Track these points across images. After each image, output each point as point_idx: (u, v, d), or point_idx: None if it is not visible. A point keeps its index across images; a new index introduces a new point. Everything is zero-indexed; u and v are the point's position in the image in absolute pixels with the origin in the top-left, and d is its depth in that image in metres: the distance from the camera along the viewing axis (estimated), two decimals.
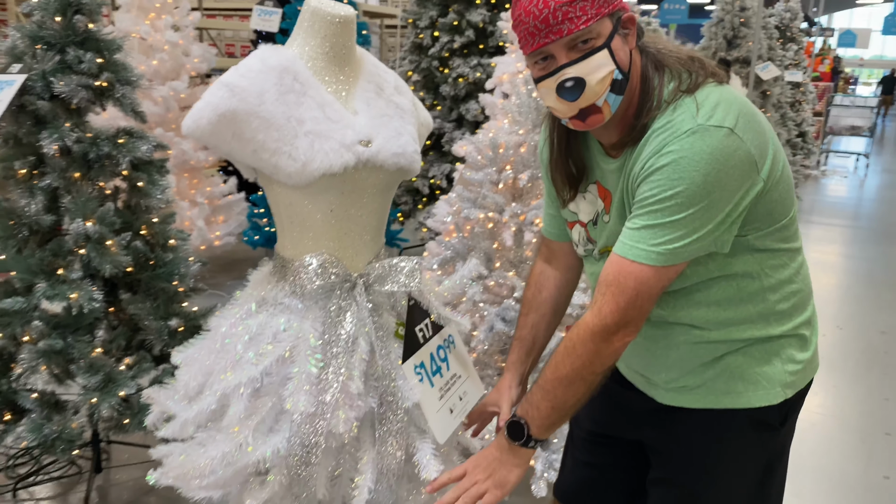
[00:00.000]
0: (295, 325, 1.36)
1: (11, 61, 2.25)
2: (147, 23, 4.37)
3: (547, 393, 1.28)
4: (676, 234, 1.19)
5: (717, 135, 1.15)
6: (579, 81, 1.20)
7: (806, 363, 1.37)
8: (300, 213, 1.40)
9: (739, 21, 6.88)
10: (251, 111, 1.29)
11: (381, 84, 1.48)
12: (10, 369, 2.30)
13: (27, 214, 2.26)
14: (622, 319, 1.22)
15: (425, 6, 4.95)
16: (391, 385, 1.40)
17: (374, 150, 1.38)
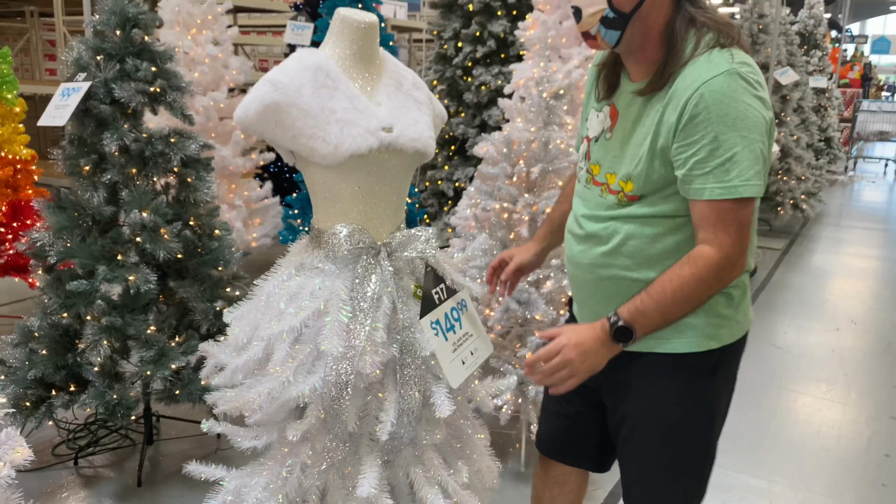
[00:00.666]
0: (328, 284, 1.59)
1: (77, 70, 2.54)
2: (189, 38, 4.69)
3: (663, 309, 1.45)
4: (748, 163, 1.38)
5: (730, 76, 1.38)
6: (577, 10, 1.50)
7: (731, 318, 1.56)
8: (332, 190, 1.62)
9: (758, 27, 7.03)
10: (291, 102, 1.52)
11: (401, 80, 1.70)
12: (75, 345, 2.57)
13: (90, 206, 2.54)
14: (741, 249, 1.43)
15: (449, 18, 5.20)
16: (410, 336, 1.62)
17: (395, 136, 1.59)
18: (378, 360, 1.55)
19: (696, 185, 1.42)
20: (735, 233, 1.41)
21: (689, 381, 1.57)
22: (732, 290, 1.56)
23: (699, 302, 1.47)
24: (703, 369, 1.56)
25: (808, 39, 10.10)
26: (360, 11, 1.66)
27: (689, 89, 1.40)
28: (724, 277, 1.45)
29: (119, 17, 2.52)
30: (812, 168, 7.82)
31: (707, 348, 1.54)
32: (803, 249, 6.90)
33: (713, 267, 1.42)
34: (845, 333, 4.68)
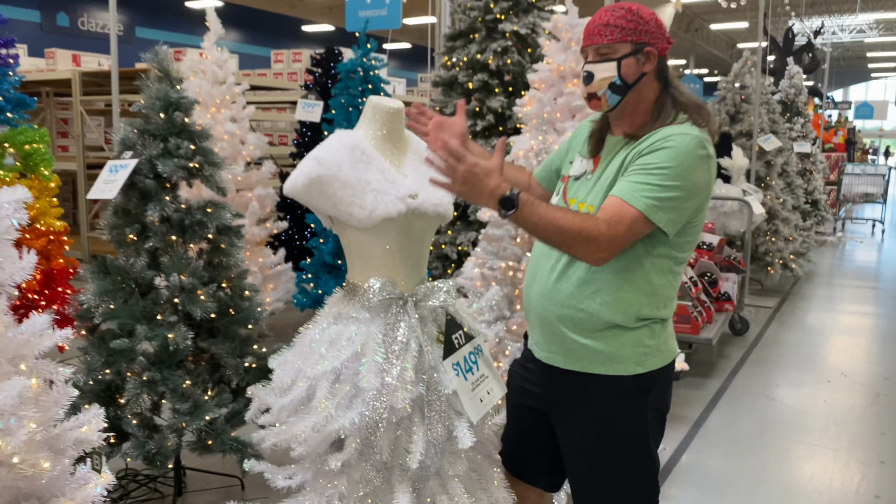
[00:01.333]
0: (364, 330, 1.84)
1: (123, 149, 2.83)
2: (209, 116, 5.03)
3: (544, 218, 1.67)
4: (666, 194, 1.71)
5: (704, 150, 1.76)
6: (590, 74, 1.85)
7: (654, 348, 1.86)
8: (366, 249, 1.90)
9: (741, 98, 7.45)
10: (333, 176, 1.82)
11: (423, 155, 1.97)
12: (116, 400, 2.78)
13: (133, 271, 2.79)
14: (617, 245, 1.71)
15: (450, 95, 5.58)
16: (435, 376, 1.85)
17: (420, 201, 1.89)
18: (408, 396, 1.78)
19: (620, 185, 1.75)
20: (622, 231, 1.70)
21: (624, 402, 1.86)
22: (653, 325, 1.87)
23: (560, 241, 1.71)
24: (635, 392, 1.86)
25: (791, 107, 10.57)
26: (389, 99, 1.97)
27: (662, 135, 1.77)
28: (590, 247, 1.69)
29: (163, 101, 2.82)
30: (800, 229, 8.13)
31: (635, 373, 1.85)
32: (794, 307, 7.15)
33: (592, 232, 1.68)
34: (836, 385, 4.88)
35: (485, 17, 5.41)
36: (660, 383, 1.90)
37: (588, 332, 1.85)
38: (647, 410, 1.89)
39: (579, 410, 1.91)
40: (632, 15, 1.83)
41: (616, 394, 1.86)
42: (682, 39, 25.61)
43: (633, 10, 1.85)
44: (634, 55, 1.83)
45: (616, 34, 1.82)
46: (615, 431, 1.87)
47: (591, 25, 1.86)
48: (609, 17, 1.83)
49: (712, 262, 5.42)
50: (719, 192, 6.33)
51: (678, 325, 4.65)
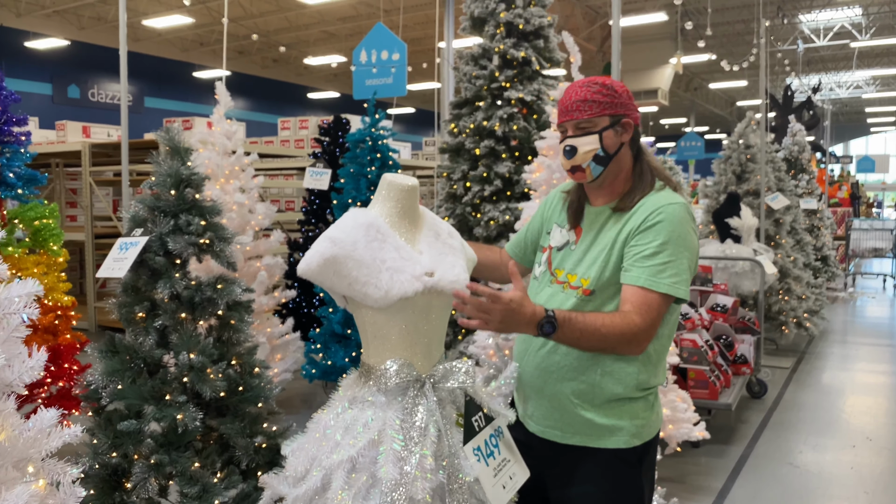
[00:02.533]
0: (380, 415, 1.76)
1: (134, 226, 2.81)
2: (218, 187, 5.04)
3: (585, 331, 1.75)
4: (679, 268, 1.81)
5: (690, 214, 1.89)
6: (573, 148, 1.94)
7: (648, 420, 1.93)
8: (382, 329, 1.83)
9: (746, 157, 7.48)
10: (348, 255, 1.77)
11: (438, 231, 1.96)
12: (122, 484, 2.69)
13: (142, 350, 2.73)
14: (651, 333, 1.81)
15: (458, 161, 5.60)
16: (456, 463, 1.77)
17: (436, 279, 1.83)
18: (428, 486, 1.70)
19: (634, 273, 1.82)
20: (653, 318, 1.79)
21: (622, 472, 1.92)
22: (648, 396, 1.94)
23: (605, 346, 1.80)
24: (632, 461, 1.92)
25: (795, 164, 10.62)
26: (403, 176, 1.94)
27: (652, 206, 1.87)
28: (631, 343, 1.79)
29: (174, 178, 2.81)
30: (811, 287, 8.06)
31: (633, 445, 1.91)
32: (811, 367, 7.01)
33: (632, 329, 1.77)
34: (862, 450, 4.74)
35: (490, 84, 5.47)
36: (652, 451, 1.99)
37: (590, 406, 1.90)
38: (642, 478, 1.95)
39: (577, 483, 1.94)
40: (607, 90, 1.93)
41: (615, 465, 1.91)
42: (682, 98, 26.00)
43: (608, 84, 1.95)
44: (613, 127, 1.93)
45: (595, 109, 1.91)
46: (613, 499, 1.92)
47: (568, 101, 1.95)
48: (586, 93, 1.92)
49: (727, 324, 5.34)
50: (730, 253, 6.28)
51: (696, 391, 4.55)
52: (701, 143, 20.68)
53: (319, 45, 21.20)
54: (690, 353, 4.61)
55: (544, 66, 5.61)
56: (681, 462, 4.42)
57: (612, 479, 1.91)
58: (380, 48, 7.62)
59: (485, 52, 5.58)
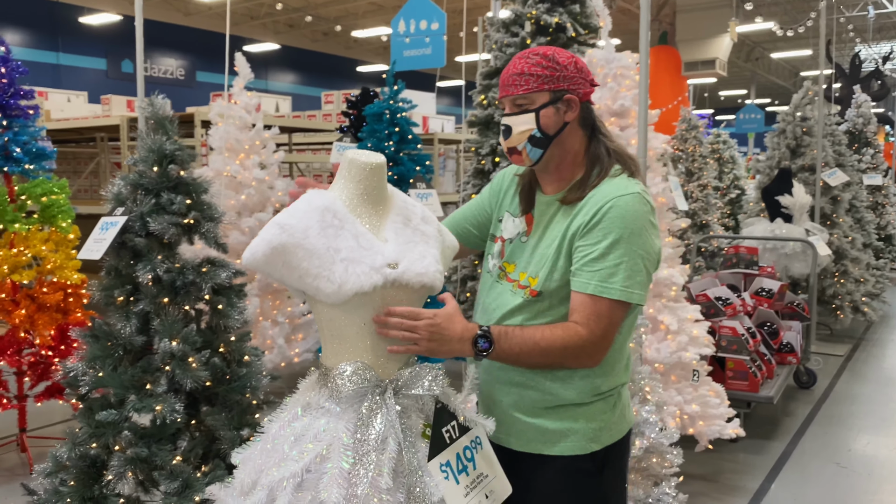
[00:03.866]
0: (332, 426, 1.55)
1: (116, 205, 2.65)
2: (237, 162, 4.89)
3: (523, 346, 1.63)
4: (632, 271, 1.62)
5: (648, 205, 1.68)
6: (508, 128, 1.75)
7: (609, 422, 1.76)
8: (339, 327, 1.62)
9: (802, 130, 6.99)
10: (298, 244, 1.55)
11: (409, 216, 1.72)
12: (102, 476, 2.57)
13: (122, 336, 2.59)
14: (604, 344, 1.65)
15: (486, 135, 5.33)
16: (418, 481, 1.56)
17: (400, 272, 1.60)
18: None
19: (583, 279, 1.64)
20: (604, 327, 1.63)
21: (579, 481, 1.76)
22: (609, 397, 1.76)
23: (549, 362, 1.67)
24: (591, 469, 1.75)
25: (858, 138, 9.98)
26: (368, 153, 1.70)
27: (602, 199, 1.66)
28: (581, 358, 1.66)
29: (157, 154, 2.64)
30: (871, 269, 7.55)
31: (590, 451, 1.74)
32: (868, 355, 6.57)
33: (577, 342, 1.63)
34: None
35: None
36: (618, 455, 1.82)
37: (542, 411, 1.75)
38: (603, 487, 1.79)
39: (533, 493, 1.79)
40: (547, 61, 1.71)
41: (570, 473, 1.76)
42: (742, 69, 24.95)
43: (549, 55, 1.72)
44: (554, 104, 1.72)
45: (532, 83, 1.70)
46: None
47: (506, 75, 1.75)
48: (523, 66, 1.72)
49: (772, 310, 4.98)
50: (780, 233, 5.88)
51: (735, 383, 4.24)
52: (761, 116, 19.86)
53: (368, 18, 20.96)
54: (729, 342, 4.29)
55: (580, 33, 5.26)
56: (714, 458, 4.13)
57: (568, 487, 1.77)
58: (419, 17, 7.34)
59: (517, 17, 5.27)
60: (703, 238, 7.39)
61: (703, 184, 8.54)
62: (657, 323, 3.63)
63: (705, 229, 8.17)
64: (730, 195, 11.14)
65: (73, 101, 11.51)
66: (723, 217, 10.34)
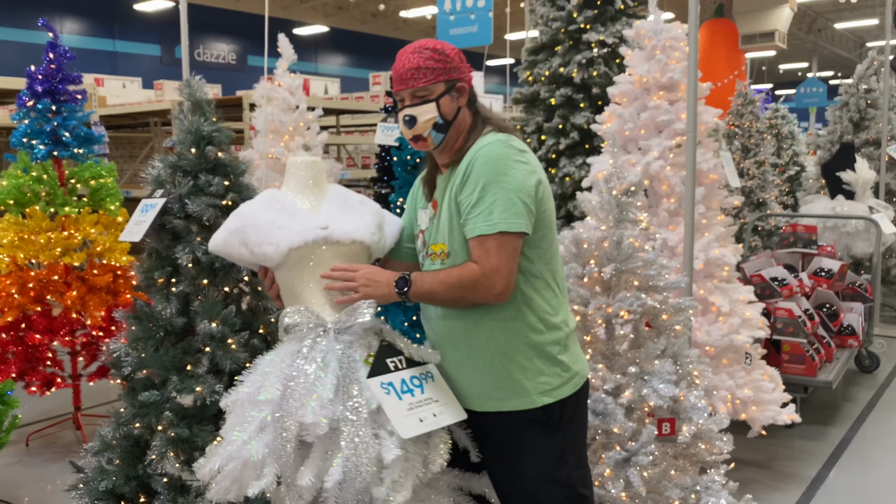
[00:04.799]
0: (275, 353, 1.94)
1: (156, 187, 2.66)
2: (281, 145, 4.90)
3: (433, 284, 1.87)
4: (507, 204, 1.79)
5: (511, 147, 1.87)
6: (413, 118, 1.93)
7: (558, 374, 1.92)
8: (290, 287, 1.99)
9: (866, 103, 6.67)
10: (246, 223, 1.98)
11: (346, 199, 2.09)
12: (146, 455, 2.60)
13: (164, 317, 2.60)
14: (502, 274, 1.81)
15: (532, 113, 5.22)
16: (355, 392, 1.81)
17: (330, 231, 1.96)
18: (323, 412, 1.75)
19: (469, 226, 1.85)
20: (496, 261, 1.80)
21: (531, 433, 1.92)
22: (549, 348, 1.92)
23: (455, 297, 1.87)
24: (543, 421, 1.92)
25: None
26: (304, 155, 2.11)
27: (470, 155, 1.88)
28: (479, 290, 1.83)
29: (194, 135, 2.64)
30: None
31: (541, 404, 1.90)
32: None
33: (473, 277, 1.82)
34: None
35: (568, 27, 5.04)
36: (575, 409, 1.98)
37: (488, 368, 1.91)
38: (562, 439, 1.95)
39: (493, 450, 1.98)
40: (439, 55, 1.92)
41: (525, 427, 1.92)
42: (804, 41, 24.02)
43: (438, 49, 1.93)
44: (449, 93, 1.93)
45: (429, 76, 1.90)
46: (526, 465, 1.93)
47: (401, 69, 1.92)
48: (418, 60, 1.90)
49: (832, 291, 4.77)
50: (841, 210, 5.63)
51: (791, 367, 4.08)
52: (823, 90, 19.06)
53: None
54: (786, 324, 4.12)
55: (629, 5, 5.11)
56: (769, 444, 3.99)
57: (523, 441, 1.93)
58: None
59: None
60: (759, 216, 7.14)
61: (760, 160, 8.23)
62: (708, 305, 3.50)
63: (762, 207, 7.90)
64: (788, 172, 10.73)
65: (127, 88, 11.75)
66: (781, 195, 9.97)
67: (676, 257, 3.40)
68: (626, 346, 2.68)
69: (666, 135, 3.55)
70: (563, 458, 1.95)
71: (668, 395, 2.53)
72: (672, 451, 2.68)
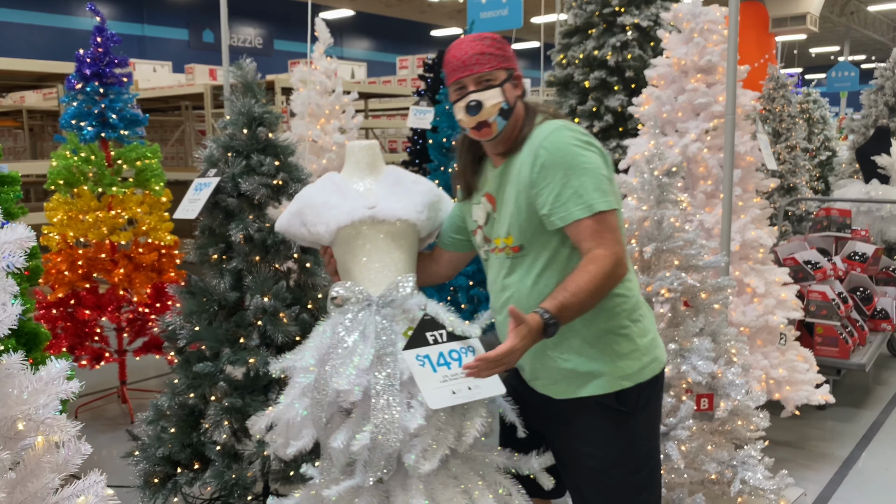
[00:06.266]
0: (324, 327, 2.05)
1: (209, 167, 2.75)
2: (318, 127, 4.98)
3: (580, 300, 1.75)
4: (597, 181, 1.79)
5: (562, 127, 1.87)
6: (479, 103, 1.89)
7: (635, 357, 1.90)
8: (343, 264, 2.13)
9: None
10: (305, 204, 2.16)
11: (400, 179, 2.20)
12: (200, 424, 2.71)
13: (217, 292, 2.70)
14: (620, 249, 1.80)
15: (566, 96, 5.26)
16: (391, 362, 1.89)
17: (376, 210, 2.07)
18: (357, 380, 1.84)
19: (562, 214, 1.81)
20: (610, 237, 1.79)
21: (610, 416, 1.91)
22: (632, 325, 1.91)
23: (604, 293, 1.80)
24: (624, 409, 1.90)
25: None
26: (362, 141, 2.25)
27: (534, 146, 1.86)
28: (617, 272, 1.80)
29: (246, 116, 2.72)
30: None
31: (619, 388, 1.89)
32: None
33: (609, 262, 1.77)
34: None
35: (602, 10, 5.06)
36: (650, 397, 1.96)
37: (569, 353, 1.89)
38: (635, 428, 1.94)
39: (570, 432, 1.97)
40: (499, 44, 1.94)
41: (601, 411, 1.91)
42: (836, 24, 23.63)
43: (497, 38, 1.95)
44: (510, 81, 1.93)
45: (493, 62, 1.90)
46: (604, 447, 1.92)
47: (463, 56, 1.91)
48: (481, 47, 1.91)
49: (866, 275, 4.78)
50: (876, 195, 5.61)
51: (824, 349, 4.11)
52: (855, 74, 18.76)
53: None
54: (819, 307, 4.15)
55: None
56: (801, 425, 4.03)
57: (596, 425, 1.92)
58: None
59: None
60: (790, 201, 7.12)
61: (792, 145, 8.19)
62: (743, 285, 3.54)
63: (793, 192, 7.87)
64: (819, 157, 10.65)
65: (158, 72, 11.89)
66: (812, 180, 9.90)
67: (713, 238, 3.44)
68: (664, 324, 2.74)
69: (703, 117, 3.57)
70: (634, 444, 1.94)
71: (706, 372, 2.58)
72: (709, 426, 2.75)
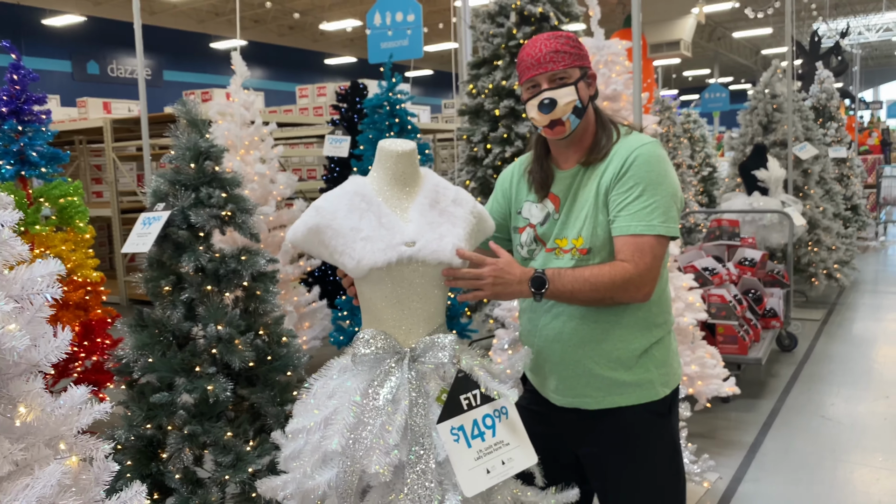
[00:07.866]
0: (348, 385, 1.74)
1: (156, 201, 2.82)
2: (238, 158, 5.04)
3: (575, 284, 1.77)
4: (665, 207, 1.79)
5: (656, 144, 1.87)
6: (553, 101, 1.85)
7: (672, 367, 1.96)
8: (366, 299, 1.80)
9: (772, 107, 7.30)
10: (327, 224, 1.76)
11: (438, 198, 1.83)
12: (158, 455, 2.74)
13: (171, 323, 2.76)
14: (651, 276, 1.79)
15: (477, 123, 5.54)
16: (427, 440, 1.66)
17: (416, 249, 1.72)
18: (387, 460, 1.61)
19: (623, 223, 1.80)
20: (650, 261, 1.77)
21: (655, 424, 1.93)
22: (664, 339, 1.93)
23: (601, 297, 1.79)
24: (663, 412, 1.94)
25: (823, 112, 10.37)
26: (398, 141, 1.85)
27: (626, 153, 1.84)
28: (629, 290, 1.78)
29: (193, 150, 2.81)
30: (842, 237, 7.92)
31: (663, 395, 1.93)
32: (842, 318, 6.93)
33: (625, 276, 1.76)
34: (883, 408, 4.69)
35: (508, 42, 5.38)
36: (675, 400, 2.01)
37: (615, 364, 1.88)
38: (672, 427, 1.99)
39: (614, 445, 1.93)
40: (574, 42, 1.90)
41: (647, 419, 1.92)
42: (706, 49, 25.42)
43: (572, 36, 1.92)
44: (584, 79, 1.90)
45: (567, 60, 1.87)
46: (651, 456, 1.93)
47: (538, 54, 1.87)
48: (556, 44, 1.88)
49: (756, 278, 5.28)
50: (758, 205, 6.18)
51: (725, 346, 4.52)
52: (726, 95, 20.28)
53: (334, 10, 20.98)
54: (719, 309, 4.56)
55: (563, 21, 5.49)
56: (711, 417, 4.41)
57: (646, 434, 1.92)
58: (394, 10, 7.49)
59: (501, 9, 5.48)
60: (682, 214, 7.68)
61: (678, 163, 8.84)
62: None
63: None
64: (702, 173, 11.48)
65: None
66: (697, 194, 10.67)
67: None
68: None
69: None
70: (677, 447, 1.99)
71: None
72: None
